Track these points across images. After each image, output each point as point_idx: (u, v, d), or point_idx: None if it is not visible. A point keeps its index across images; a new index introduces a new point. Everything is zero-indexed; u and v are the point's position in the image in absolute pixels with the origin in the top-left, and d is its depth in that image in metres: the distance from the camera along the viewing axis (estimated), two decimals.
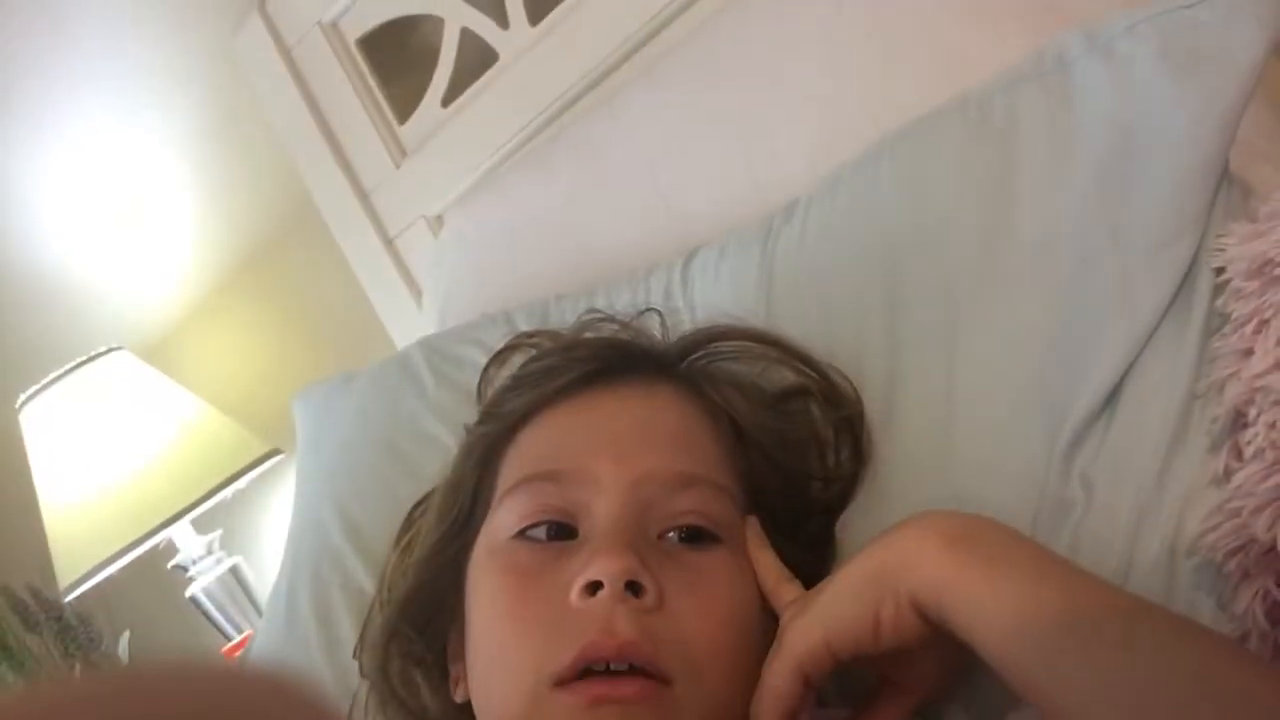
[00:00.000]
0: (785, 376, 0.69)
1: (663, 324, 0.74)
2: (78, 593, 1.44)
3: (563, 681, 0.53)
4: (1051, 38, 0.72)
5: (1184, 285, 0.62)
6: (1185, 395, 0.59)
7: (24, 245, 1.70)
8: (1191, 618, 0.51)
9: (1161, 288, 0.62)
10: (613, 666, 0.54)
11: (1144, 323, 0.62)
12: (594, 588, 0.55)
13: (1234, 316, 0.58)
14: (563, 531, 0.60)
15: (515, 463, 0.64)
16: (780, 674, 0.55)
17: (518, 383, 0.69)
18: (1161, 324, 0.62)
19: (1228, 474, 0.54)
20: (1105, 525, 0.57)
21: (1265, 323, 0.55)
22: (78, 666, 1.52)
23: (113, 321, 1.64)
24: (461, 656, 0.63)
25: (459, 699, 0.64)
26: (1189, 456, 0.57)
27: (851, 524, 0.67)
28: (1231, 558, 0.52)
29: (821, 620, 0.54)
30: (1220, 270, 0.60)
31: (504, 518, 0.62)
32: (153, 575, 1.49)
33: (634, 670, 0.54)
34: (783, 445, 0.66)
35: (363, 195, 1.30)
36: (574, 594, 0.55)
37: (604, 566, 0.55)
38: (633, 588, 0.55)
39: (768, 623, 0.59)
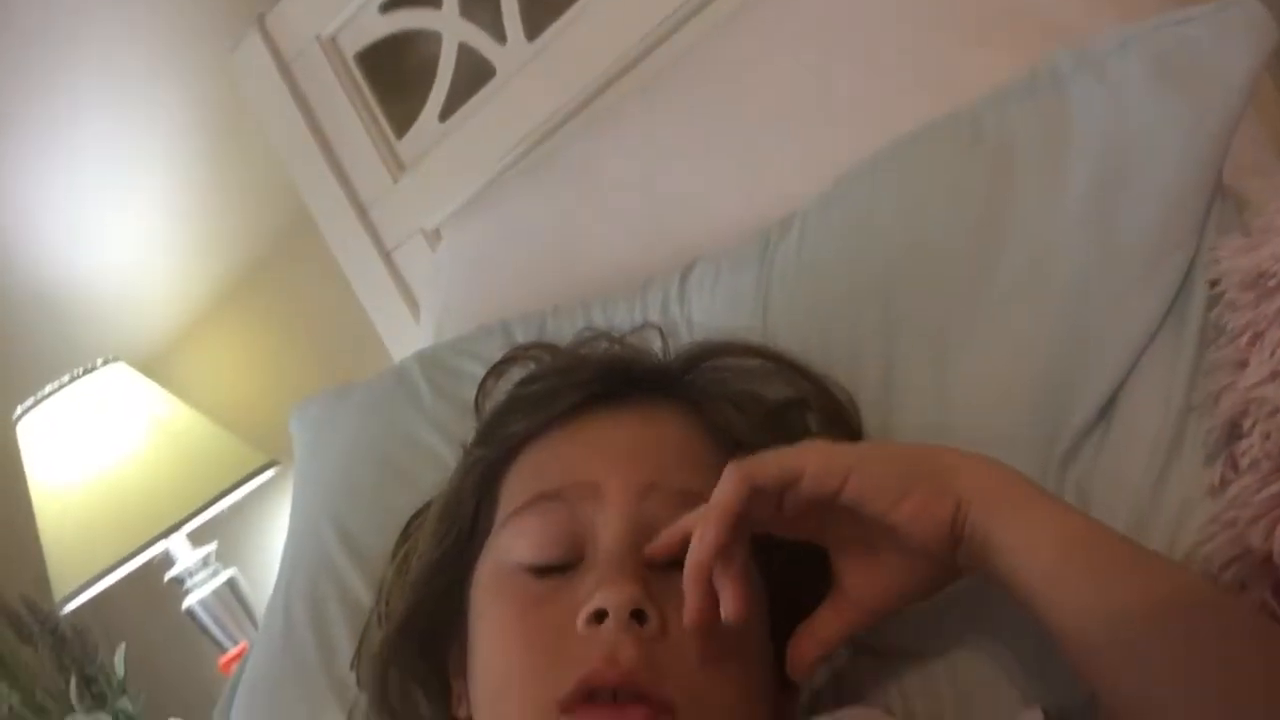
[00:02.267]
0: (783, 389, 0.70)
1: (662, 340, 0.74)
2: (73, 605, 1.43)
3: (567, 707, 0.54)
4: (1043, 55, 0.73)
5: (1179, 298, 0.63)
6: (1181, 407, 0.59)
7: (22, 258, 1.70)
8: None
9: (1156, 301, 0.63)
10: (617, 695, 0.54)
11: (1139, 335, 0.62)
12: (599, 616, 0.55)
13: (1229, 329, 0.58)
14: (568, 554, 0.59)
15: (516, 485, 0.64)
16: (750, 463, 0.54)
17: (516, 405, 0.68)
18: (1157, 337, 0.62)
19: (1223, 485, 0.55)
20: None
21: (1260, 335, 0.56)
22: (73, 680, 1.52)
23: (110, 334, 1.63)
24: (463, 673, 0.63)
25: (461, 715, 0.64)
26: (1185, 468, 0.58)
27: None
28: (1228, 569, 0.52)
29: (845, 458, 0.54)
30: (1215, 283, 0.61)
31: (508, 540, 0.62)
32: (149, 588, 1.48)
33: (636, 699, 0.54)
34: None
35: (360, 209, 1.30)
36: (580, 623, 0.55)
37: (609, 596, 0.55)
38: (637, 616, 0.55)
39: (770, 646, 0.60)
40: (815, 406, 0.69)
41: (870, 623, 0.58)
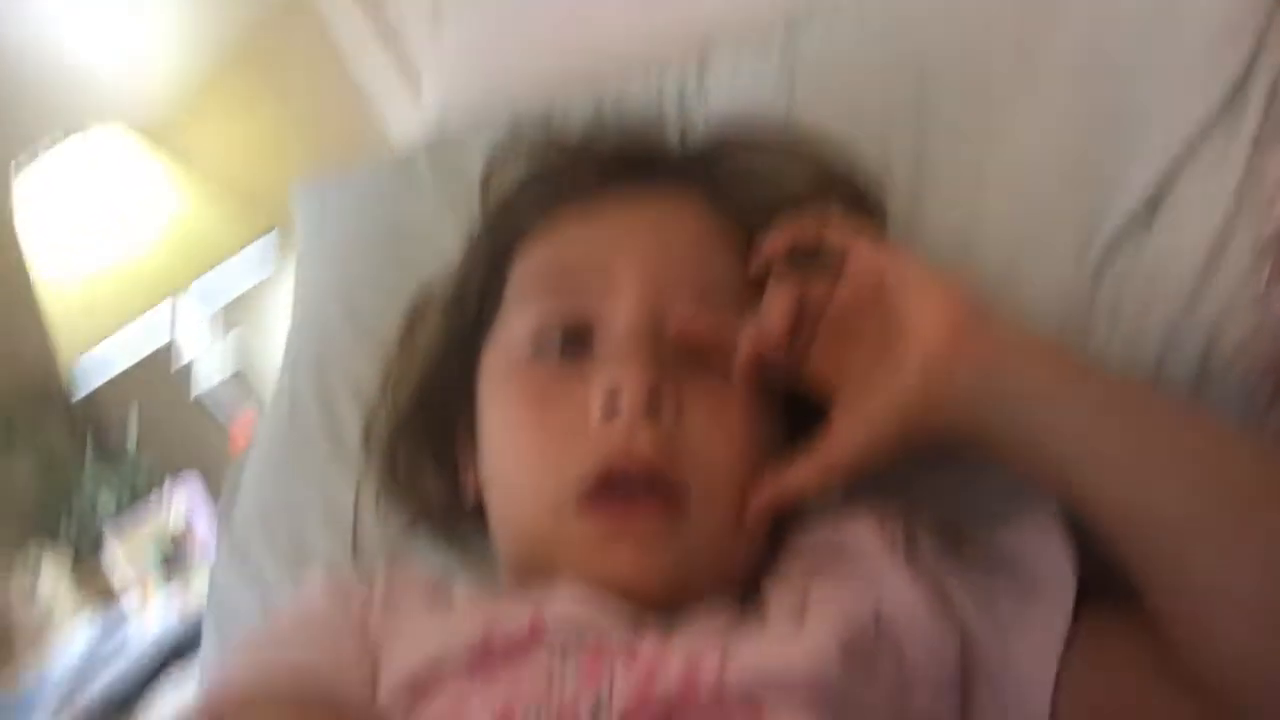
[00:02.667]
0: (807, 179, 0.66)
1: (680, 125, 0.70)
2: (82, 373, 1.45)
3: (583, 501, 0.53)
4: None
5: (1235, 94, 0.58)
6: (1228, 209, 0.56)
7: (19, 21, 1.63)
8: None
9: (1210, 95, 0.58)
10: (633, 485, 0.53)
11: (1189, 132, 0.58)
12: (614, 404, 0.54)
13: None
14: (578, 341, 0.58)
15: (526, 267, 0.62)
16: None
17: (527, 185, 0.66)
18: (1209, 132, 0.58)
19: (1268, 292, 0.52)
20: (1132, 341, 0.56)
21: None
22: (89, 438, 1.56)
23: (108, 100, 1.58)
24: (471, 455, 0.63)
25: (471, 498, 0.64)
26: (1227, 273, 0.55)
27: None
28: (1268, 375, 0.50)
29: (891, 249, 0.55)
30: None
31: (517, 325, 0.60)
32: (158, 372, 1.50)
33: (651, 488, 0.53)
34: None
35: None
36: (594, 411, 0.54)
37: (623, 380, 0.54)
38: (652, 402, 0.54)
39: (779, 430, 0.59)
40: (840, 196, 0.65)
41: (837, 476, 0.56)
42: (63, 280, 1.43)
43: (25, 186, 1.43)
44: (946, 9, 0.68)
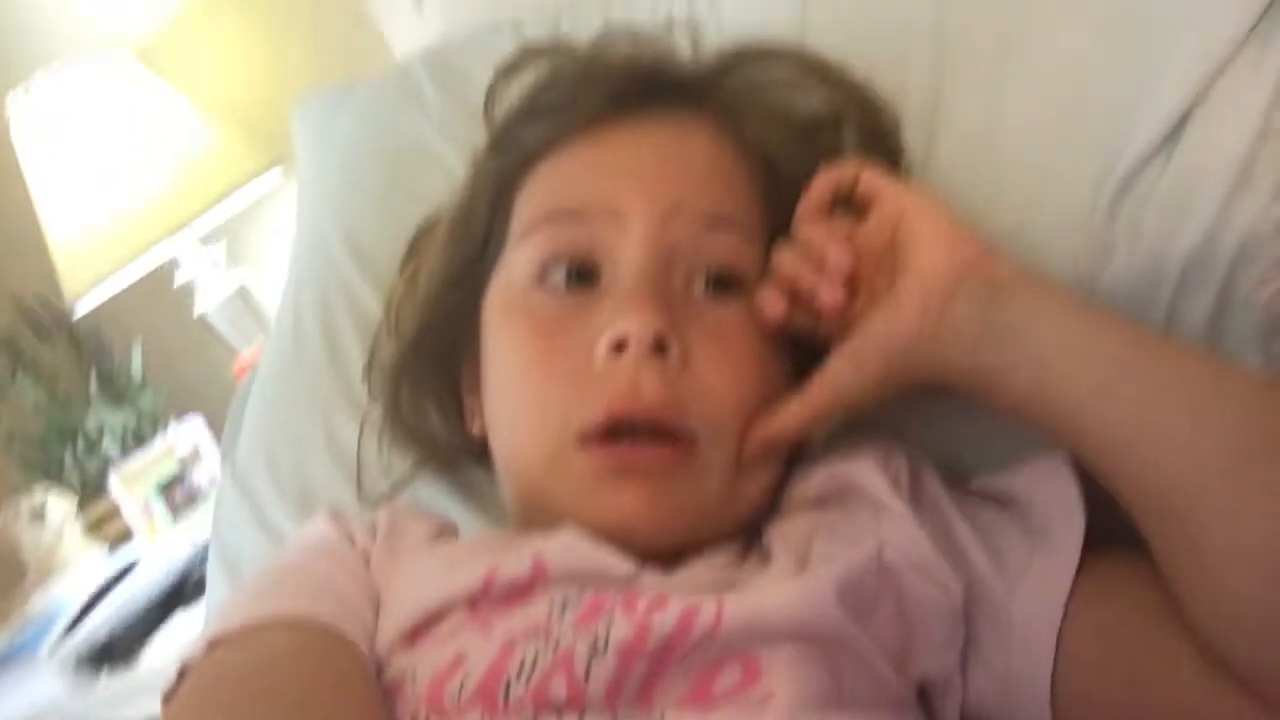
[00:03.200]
0: (820, 101, 0.64)
1: (692, 42, 0.67)
2: (86, 303, 1.44)
3: (588, 440, 0.53)
4: None
5: (1264, 16, 0.56)
6: (1255, 134, 0.54)
7: None
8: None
9: (1238, 17, 0.56)
10: (637, 428, 0.52)
11: (1215, 53, 0.56)
12: (620, 345, 0.53)
13: None
14: (584, 276, 0.57)
15: (532, 199, 0.60)
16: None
17: (532, 112, 0.63)
18: (1234, 59, 0.56)
19: None
20: (1151, 272, 0.54)
21: None
22: (93, 376, 1.55)
23: (104, 21, 1.55)
24: (476, 390, 0.62)
25: (476, 432, 0.63)
26: (1251, 201, 0.53)
27: None
28: None
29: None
30: None
31: (522, 259, 0.59)
32: (160, 291, 1.48)
33: (658, 432, 0.52)
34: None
35: None
36: (600, 351, 0.53)
37: (630, 323, 0.53)
38: (659, 345, 0.53)
39: (786, 375, 0.58)
40: (854, 122, 0.63)
41: (822, 416, 0.56)
42: (66, 210, 1.41)
43: (24, 114, 1.41)
44: None
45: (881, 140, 0.63)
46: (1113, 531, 0.50)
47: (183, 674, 0.49)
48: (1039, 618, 0.49)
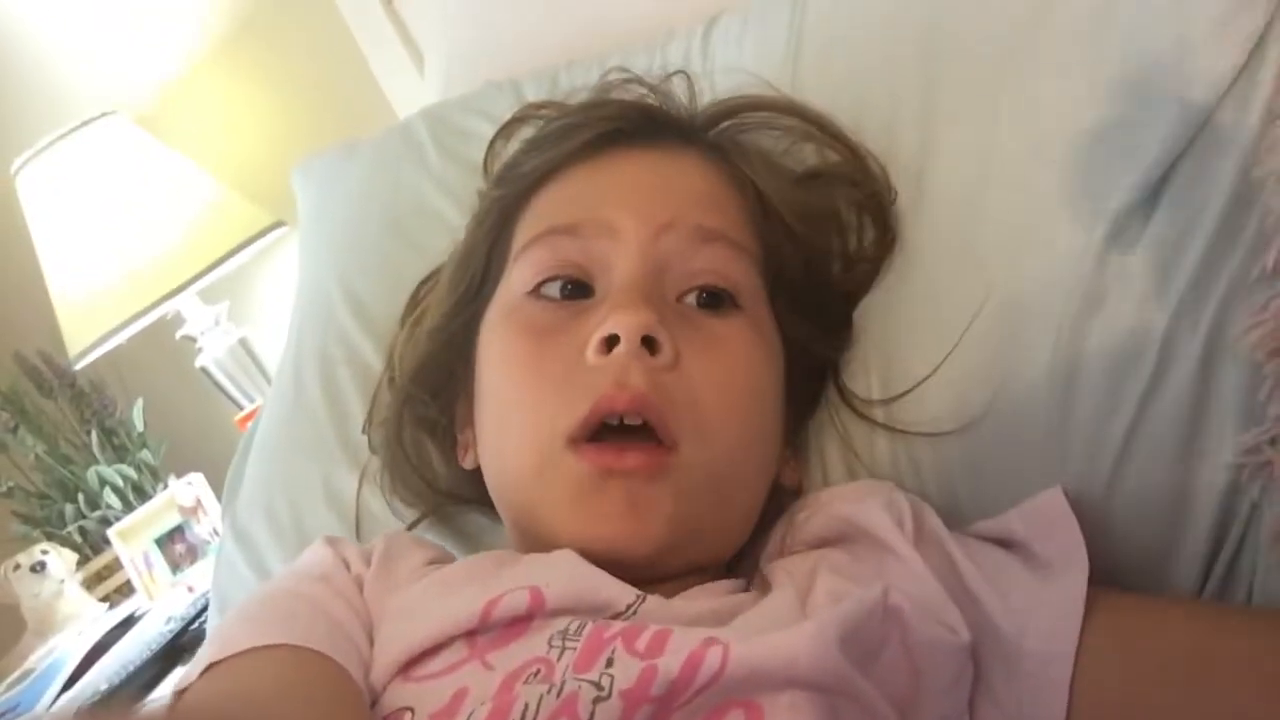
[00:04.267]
0: (811, 154, 0.66)
1: (690, 88, 0.69)
2: (87, 360, 1.44)
3: (575, 439, 0.53)
4: None
5: (1248, 63, 0.57)
6: (1238, 185, 0.55)
7: (11, 8, 1.62)
8: None
9: (1223, 64, 0.57)
10: (625, 420, 0.53)
11: (1200, 104, 0.57)
12: (610, 343, 0.54)
13: None
14: (579, 289, 0.58)
15: (530, 222, 0.62)
16: None
17: (536, 143, 0.66)
18: (1219, 106, 0.57)
19: (1276, 271, 0.51)
20: (1140, 320, 0.55)
21: None
22: (94, 432, 1.55)
23: (108, 86, 1.58)
24: (470, 424, 0.63)
25: (467, 465, 0.64)
26: (1237, 250, 0.54)
27: (872, 308, 0.65)
28: (1273, 358, 0.49)
29: None
30: None
31: (519, 273, 0.60)
32: (162, 345, 1.49)
33: (644, 430, 0.53)
34: (806, 220, 0.63)
35: None
36: (590, 349, 0.54)
37: (620, 320, 0.54)
38: (649, 344, 0.54)
39: (780, 396, 0.58)
40: (844, 174, 0.65)
41: None
42: (70, 269, 1.42)
43: (30, 178, 1.43)
44: None
45: (869, 191, 0.64)
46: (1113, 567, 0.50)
47: (178, 697, 0.49)
48: (1052, 655, 0.49)
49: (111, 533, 1.43)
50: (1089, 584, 0.50)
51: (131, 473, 1.55)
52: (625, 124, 0.63)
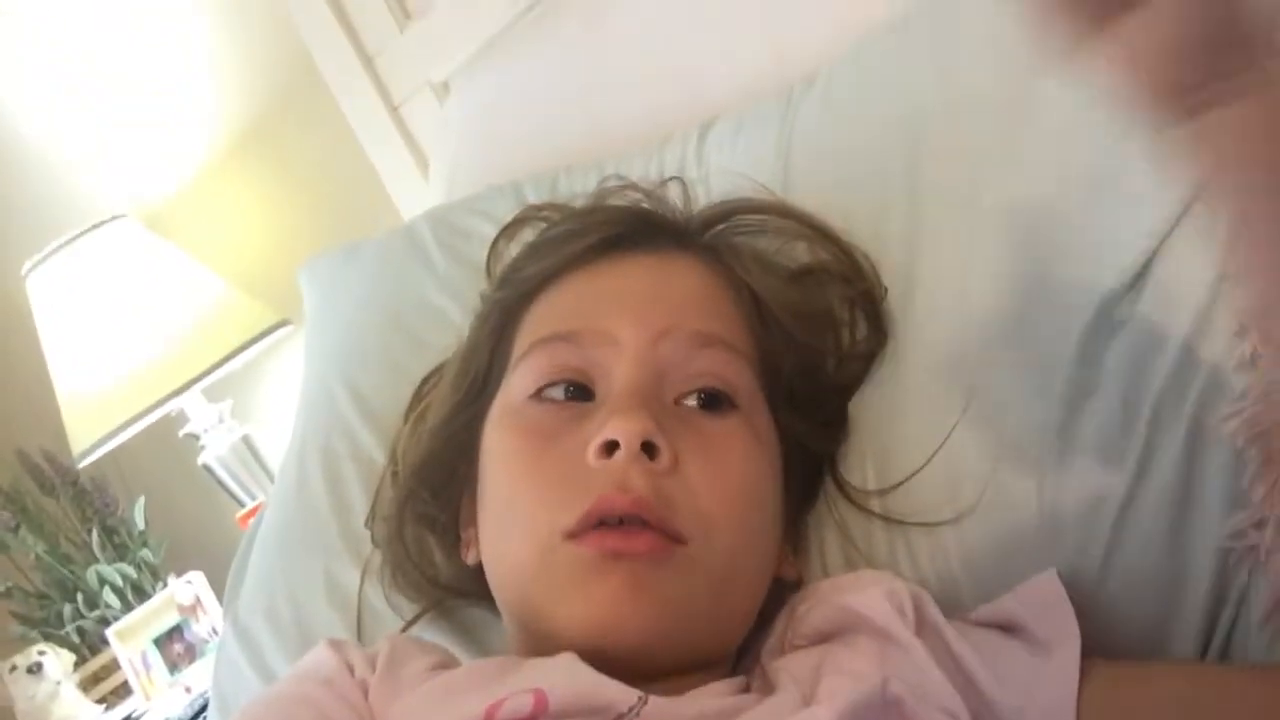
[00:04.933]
0: (804, 253, 0.68)
1: (685, 194, 0.72)
2: (90, 459, 1.45)
3: (575, 533, 0.54)
4: None
5: None
6: (1214, 277, 0.57)
7: (22, 113, 1.67)
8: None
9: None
10: (625, 521, 0.54)
11: (1175, 203, 0.59)
12: (610, 448, 0.55)
13: None
14: (579, 392, 0.59)
15: (530, 327, 0.64)
16: None
17: (537, 248, 0.68)
18: (1194, 204, 0.59)
19: (1254, 359, 0.53)
20: (1125, 410, 0.56)
21: None
22: (95, 531, 1.55)
23: (116, 190, 1.61)
24: (473, 521, 0.64)
25: (470, 561, 0.65)
26: (1215, 339, 0.55)
27: (866, 401, 0.66)
28: (1254, 443, 0.51)
29: None
30: None
31: (521, 379, 0.61)
32: (165, 442, 1.50)
33: (646, 526, 0.54)
34: (801, 320, 0.65)
35: (366, 59, 1.26)
36: (590, 453, 0.55)
37: (620, 427, 0.55)
38: (648, 449, 0.55)
39: (783, 498, 0.59)
40: (836, 272, 0.67)
41: None
42: (75, 368, 1.44)
43: (40, 282, 1.45)
44: (938, 69, 0.70)
45: (862, 289, 0.66)
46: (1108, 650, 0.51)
47: None
48: None
49: (110, 632, 1.42)
50: (1085, 655, 0.51)
51: (131, 571, 1.54)
52: (623, 229, 0.65)
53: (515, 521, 0.58)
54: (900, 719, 0.51)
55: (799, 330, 0.65)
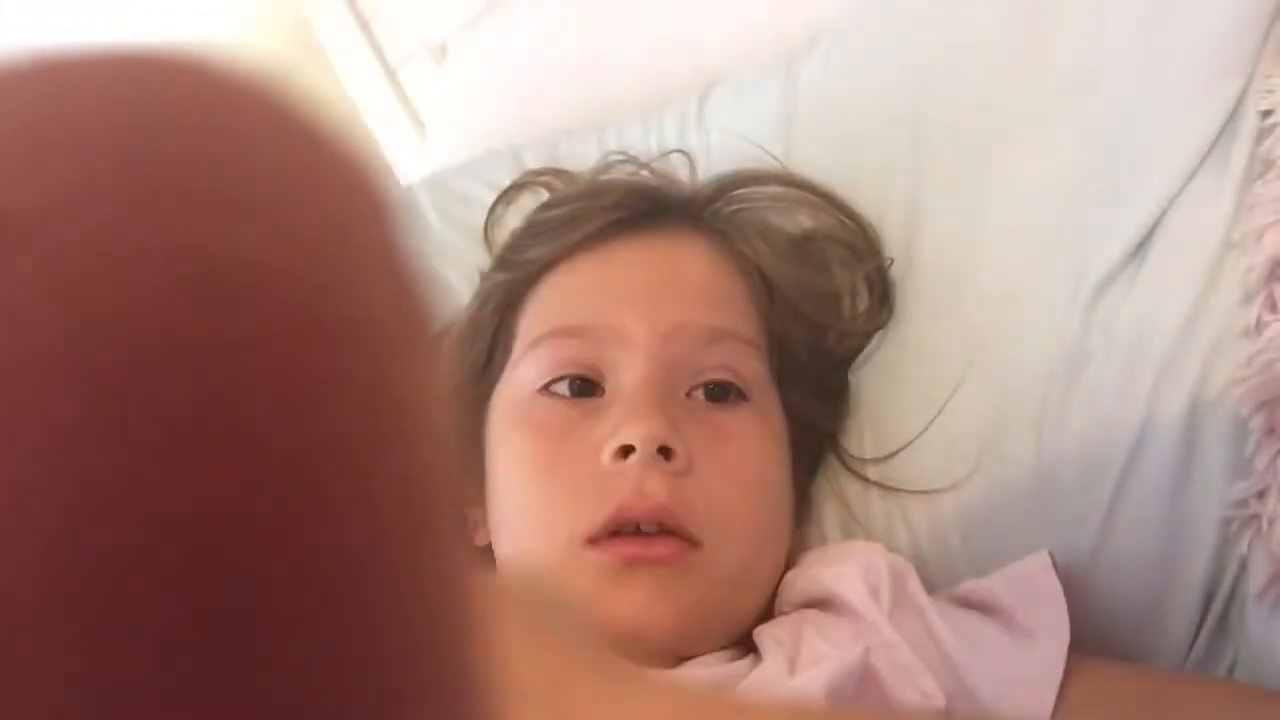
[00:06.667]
0: (806, 219, 0.67)
1: (690, 167, 0.71)
2: None
3: (595, 540, 0.54)
4: None
5: (1227, 128, 0.59)
6: (1220, 243, 0.56)
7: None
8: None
9: (1202, 131, 0.59)
10: (643, 528, 0.54)
11: (1181, 167, 0.59)
12: (625, 451, 0.54)
13: (1279, 162, 0.55)
14: (588, 387, 0.59)
15: (537, 314, 0.63)
16: None
17: (538, 229, 0.67)
18: (1200, 169, 0.59)
19: (1260, 326, 0.52)
20: (1126, 377, 0.56)
21: None
22: None
23: None
24: (479, 503, 0.63)
25: (479, 543, 0.64)
26: (1219, 307, 0.55)
27: (866, 370, 0.66)
28: (1258, 412, 0.50)
29: None
30: (1268, 113, 0.57)
31: (527, 372, 0.61)
32: None
33: (664, 531, 0.54)
34: (809, 299, 0.65)
35: (362, 20, 1.25)
36: (606, 457, 0.55)
37: (636, 431, 0.54)
38: (664, 451, 0.54)
39: (792, 482, 0.59)
40: (838, 238, 0.66)
41: None
42: None
43: None
44: (944, 26, 0.69)
45: (872, 264, 0.66)
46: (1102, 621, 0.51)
47: None
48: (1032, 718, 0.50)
49: None
50: (1073, 651, 0.51)
51: None
52: (629, 212, 0.64)
53: (532, 527, 0.58)
54: (878, 692, 0.51)
55: (808, 310, 0.65)
